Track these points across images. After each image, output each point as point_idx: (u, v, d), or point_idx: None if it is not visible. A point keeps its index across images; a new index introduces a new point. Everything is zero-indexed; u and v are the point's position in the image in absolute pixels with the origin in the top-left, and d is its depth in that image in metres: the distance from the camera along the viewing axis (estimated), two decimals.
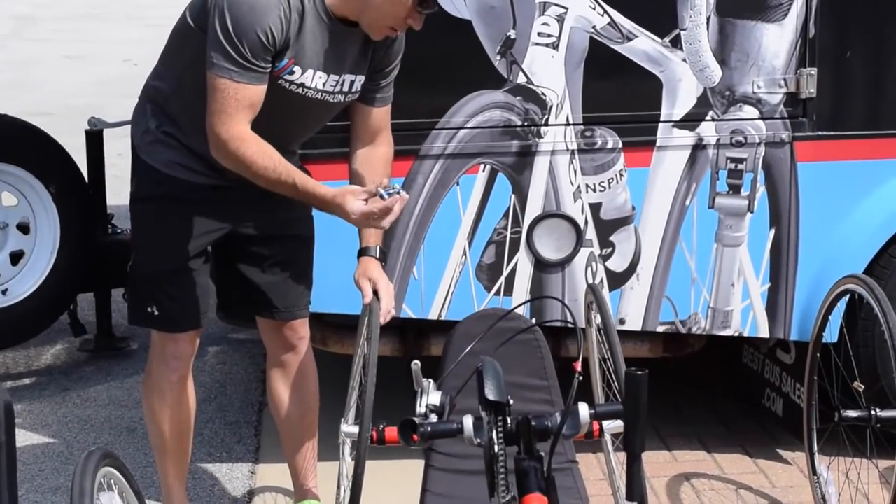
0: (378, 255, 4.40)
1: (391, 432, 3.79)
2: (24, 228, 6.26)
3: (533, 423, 3.28)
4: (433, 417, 3.45)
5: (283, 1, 4.09)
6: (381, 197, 4.11)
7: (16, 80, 12.87)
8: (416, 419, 3.36)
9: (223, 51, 4.07)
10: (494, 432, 3.24)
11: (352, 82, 4.32)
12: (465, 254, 5.08)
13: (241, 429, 5.51)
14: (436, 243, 5.06)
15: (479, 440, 3.31)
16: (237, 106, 4.12)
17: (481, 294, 5.08)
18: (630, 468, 3.50)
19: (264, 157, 4.13)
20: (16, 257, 6.23)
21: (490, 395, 3.20)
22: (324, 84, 4.25)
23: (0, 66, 13.90)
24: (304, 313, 4.65)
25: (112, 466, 3.92)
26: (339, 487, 4.45)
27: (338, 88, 4.30)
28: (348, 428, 4.21)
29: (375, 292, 4.32)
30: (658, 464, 5.32)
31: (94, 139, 6.39)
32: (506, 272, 5.10)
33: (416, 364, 3.59)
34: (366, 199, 4.11)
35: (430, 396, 3.47)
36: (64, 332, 6.53)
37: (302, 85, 4.22)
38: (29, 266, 6.23)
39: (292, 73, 4.19)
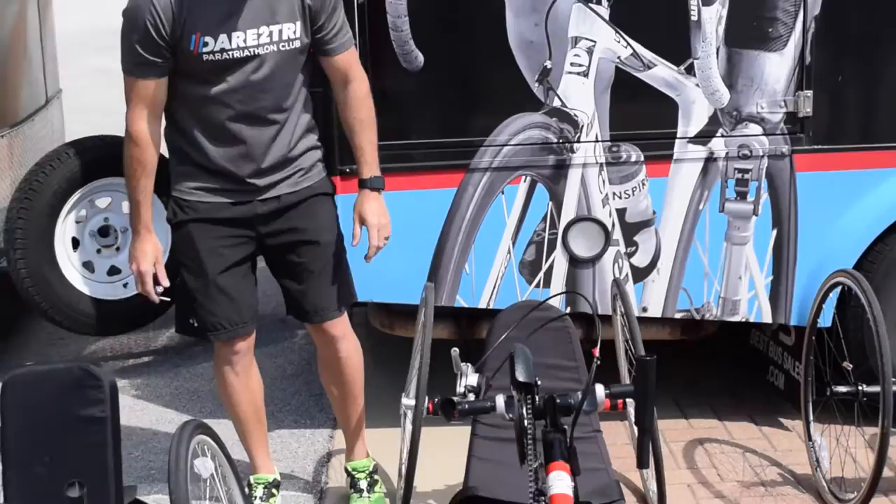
0: (372, 185, 4.32)
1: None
2: None
3: (557, 401, 3.28)
4: (471, 396, 3.44)
5: None
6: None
7: None
8: (455, 398, 3.36)
9: (123, 50, 4.04)
10: (524, 409, 3.24)
11: (280, 31, 4.07)
12: (509, 252, 5.05)
13: (322, 399, 5.48)
14: (484, 243, 5.03)
15: (510, 416, 3.30)
16: (136, 99, 4.05)
17: (523, 286, 5.05)
18: (641, 440, 3.46)
19: (133, 160, 4.09)
20: None
21: (520, 376, 3.22)
22: (245, 41, 4.03)
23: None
24: (335, 315, 4.45)
25: (205, 434, 3.93)
26: (401, 450, 4.48)
27: (265, 40, 4.06)
28: (408, 401, 4.22)
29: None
30: (676, 430, 5.29)
31: None
32: (544, 267, 5.07)
33: (454, 350, 3.59)
34: (154, 269, 4.18)
35: (468, 378, 3.47)
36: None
37: (223, 50, 4.02)
38: None
39: (206, 44, 4.00)
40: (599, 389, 3.26)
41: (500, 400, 3.26)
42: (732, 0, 4.84)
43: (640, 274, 5.09)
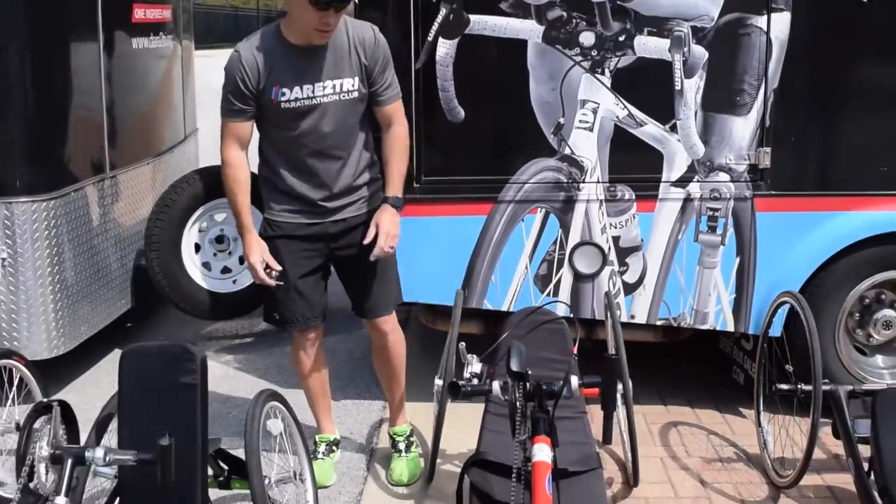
0: (392, 203, 4.23)
1: None
2: None
3: (544, 388, 3.29)
4: (474, 381, 3.45)
5: (245, 55, 3.99)
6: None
7: None
8: (460, 382, 3.38)
9: (221, 99, 4.09)
10: (516, 393, 3.24)
11: (341, 85, 4.08)
12: (526, 267, 5.03)
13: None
14: (507, 260, 5.01)
15: (505, 398, 3.31)
16: (228, 136, 4.11)
17: (537, 295, 5.02)
18: (606, 422, 3.47)
19: (230, 179, 4.15)
20: (242, 259, 6.16)
21: (514, 367, 3.22)
22: (312, 91, 4.04)
23: None
24: (386, 312, 4.45)
25: (277, 401, 3.98)
26: (434, 421, 4.50)
27: (329, 91, 4.07)
28: (439, 381, 4.24)
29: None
30: (656, 414, 5.22)
31: None
32: (554, 280, 5.04)
33: (461, 344, 3.60)
34: (266, 266, 4.14)
35: (472, 366, 3.48)
36: None
37: (297, 99, 4.04)
38: None
39: (283, 94, 4.03)
40: (574, 379, 3.26)
41: (496, 385, 3.27)
42: (709, 74, 4.81)
43: (629, 288, 5.06)
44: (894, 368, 5.16)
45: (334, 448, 4.72)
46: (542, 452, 3.10)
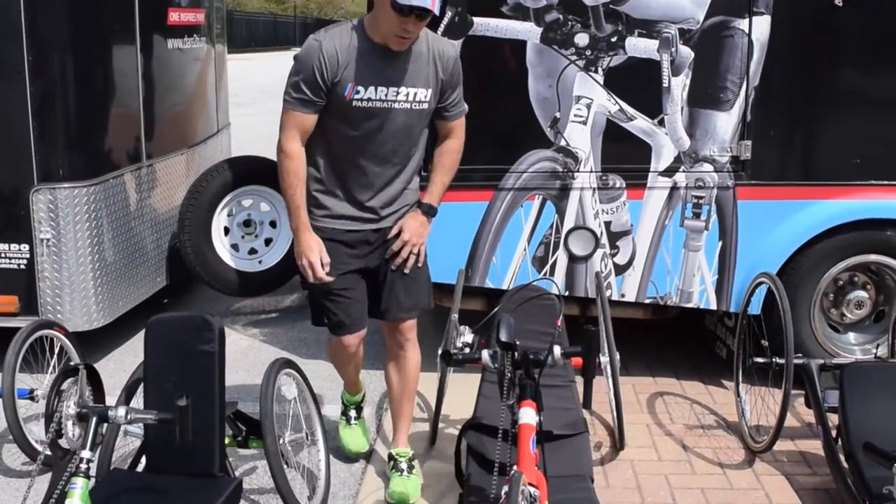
0: (425, 210, 3.88)
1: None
2: (273, 224, 6.34)
3: (530, 357, 3.29)
4: (466, 350, 3.46)
5: (326, 45, 3.58)
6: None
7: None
8: (453, 351, 3.39)
9: (288, 86, 3.65)
10: (506, 361, 3.25)
11: (415, 94, 3.69)
12: (525, 250, 5.05)
13: None
14: (507, 242, 5.04)
15: (495, 365, 3.32)
16: (291, 126, 3.67)
17: (534, 275, 5.04)
18: (586, 388, 3.47)
19: (291, 173, 3.69)
20: (268, 241, 6.33)
21: (503, 337, 3.22)
22: (386, 95, 3.65)
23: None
24: (407, 315, 3.99)
25: (292, 368, 4.01)
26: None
27: (402, 98, 3.67)
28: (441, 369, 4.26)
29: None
30: (644, 385, 5.24)
31: None
32: (550, 262, 5.07)
33: (454, 316, 3.62)
34: (321, 262, 3.73)
35: (465, 337, 3.49)
36: (296, 286, 6.56)
37: (370, 99, 3.64)
38: (275, 247, 6.31)
39: (358, 92, 3.62)
40: (557, 349, 3.27)
41: (485, 354, 3.28)
42: (694, 72, 4.81)
43: (620, 269, 5.07)
44: (865, 345, 5.16)
45: (363, 407, 4.54)
46: (527, 415, 3.13)
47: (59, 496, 2.84)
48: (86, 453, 2.85)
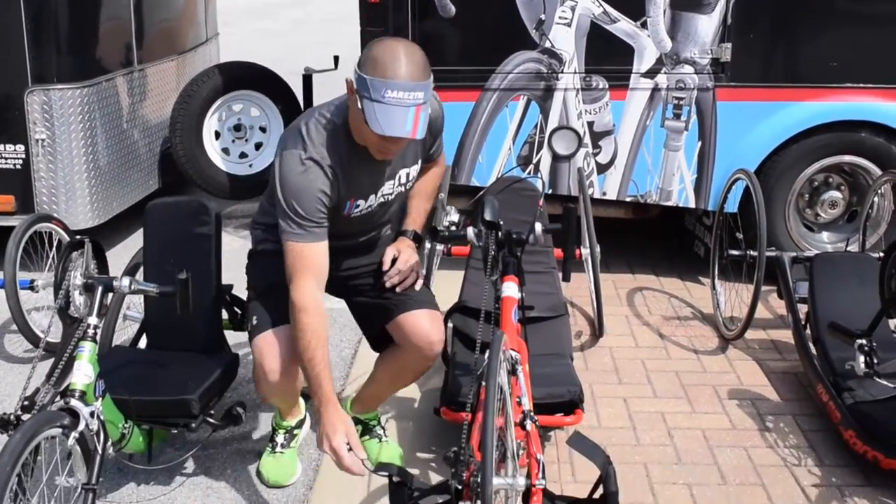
0: (411, 237, 3.41)
1: (456, 250, 3.98)
2: (263, 129, 6.44)
3: (513, 235, 3.43)
4: (452, 228, 3.61)
5: (326, 170, 2.98)
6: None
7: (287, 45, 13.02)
8: (439, 228, 3.54)
9: (293, 218, 2.97)
10: (490, 239, 3.38)
11: (406, 174, 3.25)
12: (510, 149, 5.20)
13: None
14: (493, 142, 5.18)
15: (479, 243, 3.45)
16: (305, 268, 2.98)
17: (518, 174, 5.15)
18: (565, 262, 3.64)
19: (308, 332, 2.96)
20: (258, 145, 6.44)
21: (487, 216, 3.30)
22: (382, 193, 3.20)
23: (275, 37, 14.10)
24: (421, 305, 3.36)
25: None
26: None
27: (396, 186, 3.24)
28: (428, 245, 4.40)
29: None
30: (624, 280, 5.44)
31: (307, 79, 6.47)
32: (534, 161, 5.22)
33: (442, 195, 3.75)
34: (348, 445, 2.92)
35: (451, 216, 3.64)
36: None
37: (369, 206, 3.19)
38: (265, 151, 6.41)
39: (357, 206, 3.15)
40: (538, 226, 3.41)
41: (470, 231, 3.39)
42: None
43: (602, 168, 5.22)
44: (838, 244, 5.34)
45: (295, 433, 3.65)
46: (510, 289, 3.29)
47: (69, 360, 3.02)
48: (93, 320, 3.02)
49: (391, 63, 2.80)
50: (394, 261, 3.33)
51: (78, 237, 3.42)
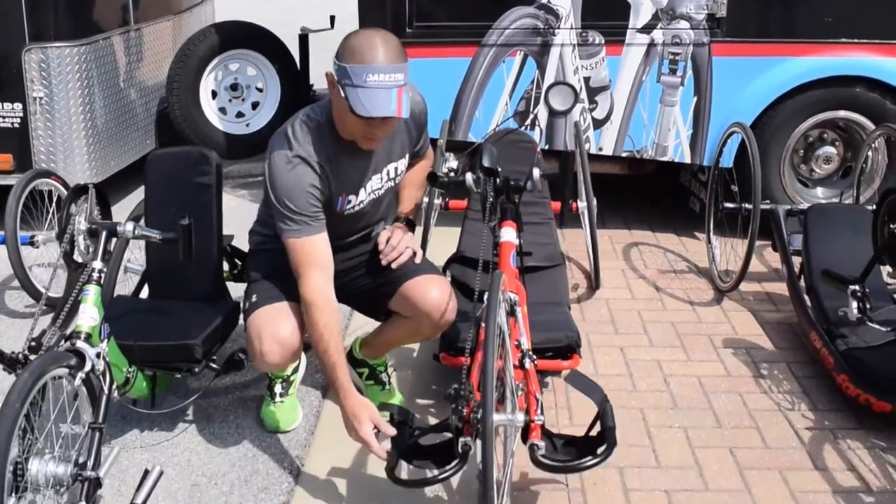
0: (405, 224, 3.45)
1: (454, 203, 3.99)
2: (259, 88, 6.46)
3: (511, 182, 3.47)
4: (451, 174, 3.65)
5: (314, 166, 3.03)
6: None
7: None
8: (439, 173, 3.57)
9: (289, 215, 3.03)
10: (489, 185, 3.42)
11: (395, 168, 3.30)
12: (506, 104, 5.23)
13: None
14: (490, 97, 5.20)
15: (478, 190, 3.49)
16: (310, 262, 3.03)
17: (513, 124, 5.18)
18: (562, 206, 3.67)
19: (319, 326, 3.00)
20: (255, 105, 6.46)
21: (485, 163, 3.33)
22: (372, 187, 3.25)
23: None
24: (425, 272, 3.37)
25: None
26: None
27: (386, 180, 3.29)
28: (426, 199, 4.43)
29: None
30: (621, 237, 5.47)
31: (303, 39, 6.55)
32: (531, 116, 5.25)
33: (441, 142, 3.79)
34: (376, 430, 2.96)
35: (450, 162, 3.68)
36: None
37: (361, 202, 3.24)
38: (262, 111, 6.45)
39: (349, 202, 3.20)
40: (536, 172, 3.45)
41: (468, 176, 3.42)
42: None
43: (598, 123, 5.25)
44: (833, 199, 5.38)
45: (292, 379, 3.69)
46: (508, 234, 3.34)
47: (74, 303, 3.06)
48: (97, 264, 3.06)
49: (369, 50, 2.89)
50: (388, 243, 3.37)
51: (81, 184, 3.45)
